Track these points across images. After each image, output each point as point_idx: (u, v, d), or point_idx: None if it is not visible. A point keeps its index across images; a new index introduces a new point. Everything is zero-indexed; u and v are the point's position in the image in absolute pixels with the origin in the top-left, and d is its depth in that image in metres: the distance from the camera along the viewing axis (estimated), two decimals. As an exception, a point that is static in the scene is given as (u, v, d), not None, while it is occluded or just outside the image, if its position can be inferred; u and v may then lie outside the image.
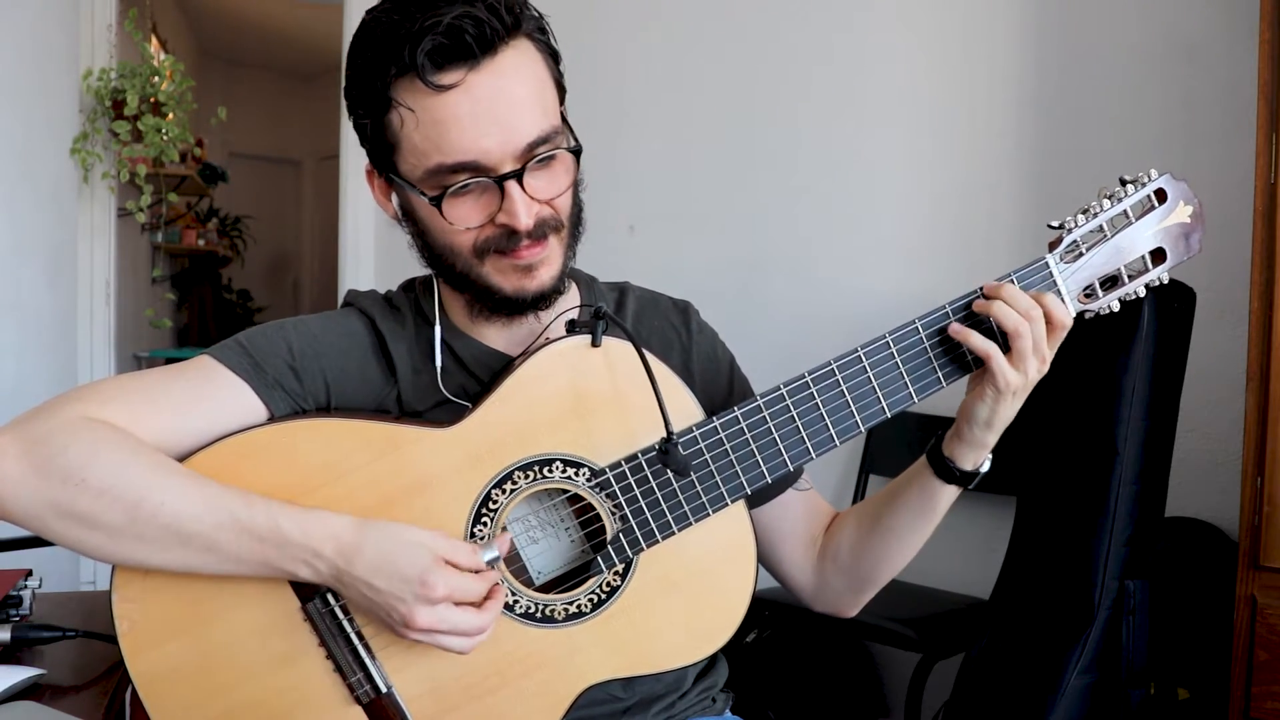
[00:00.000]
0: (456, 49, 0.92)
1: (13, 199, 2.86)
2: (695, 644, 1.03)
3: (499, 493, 0.98)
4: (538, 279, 1.01)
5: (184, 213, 5.46)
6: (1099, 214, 1.00)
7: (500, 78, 0.94)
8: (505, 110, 0.94)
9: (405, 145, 0.97)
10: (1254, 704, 1.72)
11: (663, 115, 3.07)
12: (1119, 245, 1.01)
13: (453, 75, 0.93)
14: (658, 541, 1.00)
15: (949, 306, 1.00)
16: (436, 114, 0.94)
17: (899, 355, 0.99)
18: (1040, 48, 2.50)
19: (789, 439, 0.99)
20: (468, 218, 0.97)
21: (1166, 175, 1.02)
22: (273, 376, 1.00)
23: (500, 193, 0.96)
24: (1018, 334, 0.95)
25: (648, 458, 0.99)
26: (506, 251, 0.99)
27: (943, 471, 1.03)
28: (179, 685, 0.96)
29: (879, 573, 1.12)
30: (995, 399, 0.97)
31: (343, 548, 0.91)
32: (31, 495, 0.90)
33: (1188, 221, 1.02)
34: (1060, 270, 1.00)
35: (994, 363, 0.96)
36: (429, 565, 0.90)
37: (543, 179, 0.98)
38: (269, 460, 0.97)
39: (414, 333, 1.08)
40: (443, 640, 0.92)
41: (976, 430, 1.00)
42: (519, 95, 0.95)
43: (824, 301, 2.78)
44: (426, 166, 0.96)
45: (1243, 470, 1.76)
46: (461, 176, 0.95)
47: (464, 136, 0.93)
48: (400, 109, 0.95)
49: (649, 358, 0.97)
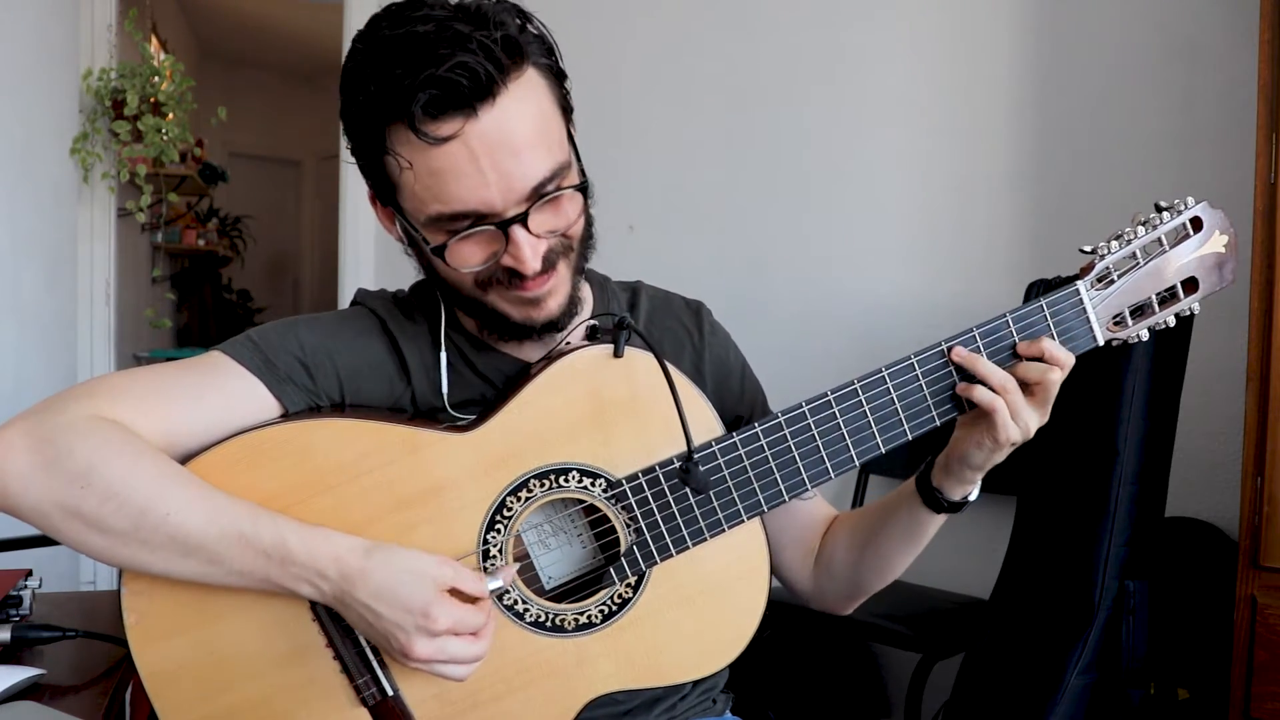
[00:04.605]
0: (451, 99, 0.87)
1: (13, 199, 2.86)
2: (705, 659, 1.03)
3: (514, 500, 0.98)
4: (546, 309, 0.99)
5: (184, 213, 5.45)
6: (1132, 240, 0.99)
7: (500, 124, 0.89)
8: (506, 157, 0.90)
9: (404, 190, 0.94)
10: (1254, 704, 1.72)
11: (663, 115, 3.07)
12: (1151, 273, 0.99)
13: (449, 126, 0.88)
14: (671, 555, 0.99)
15: (977, 330, 0.98)
16: (433, 165, 0.90)
17: (924, 378, 0.98)
18: (1040, 48, 2.50)
19: (808, 458, 0.99)
20: (471, 259, 0.95)
21: (1204, 204, 1.00)
22: (284, 372, 0.99)
23: (505, 236, 0.93)
24: (994, 408, 0.95)
25: (665, 472, 0.98)
26: (511, 285, 0.97)
27: (931, 501, 1.03)
28: (185, 680, 0.96)
29: (872, 585, 1.13)
30: (993, 449, 0.97)
31: (347, 571, 0.90)
32: (39, 493, 0.89)
33: (1222, 251, 0.99)
34: (1090, 298, 0.98)
35: (997, 416, 0.95)
36: (432, 597, 0.89)
37: (549, 214, 0.95)
38: (284, 457, 0.96)
39: (426, 335, 1.06)
40: (440, 669, 0.91)
41: (968, 471, 1.00)
42: (521, 138, 0.90)
43: (824, 301, 2.78)
44: (427, 214, 0.93)
45: (1243, 470, 1.76)
46: (463, 224, 0.92)
47: (463, 187, 0.90)
48: (397, 158, 0.91)
49: (672, 371, 0.96)
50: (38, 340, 3.14)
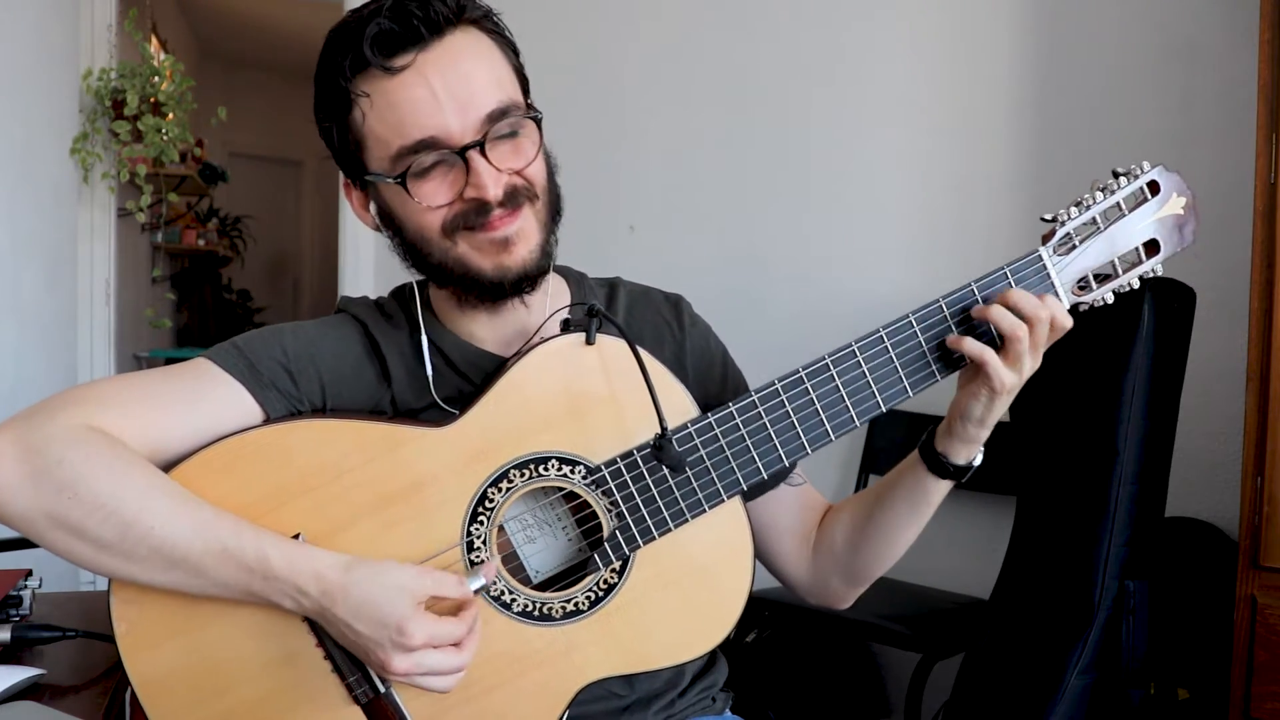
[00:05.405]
0: (405, 33, 0.95)
1: (13, 199, 2.86)
2: (693, 641, 1.03)
3: (495, 491, 0.98)
4: (517, 254, 1.00)
5: (184, 213, 5.46)
6: (1092, 206, 1.01)
7: (452, 56, 0.96)
8: (458, 84, 0.96)
9: (369, 138, 0.99)
10: (1254, 704, 1.72)
11: (663, 115, 3.07)
12: (1112, 237, 1.01)
13: (403, 58, 0.95)
14: (654, 539, 1.00)
15: (943, 300, 0.99)
16: (391, 97, 0.96)
17: (893, 350, 0.99)
18: (1039, 47, 2.50)
19: (784, 434, 0.99)
20: (435, 195, 0.98)
21: (1159, 167, 1.02)
22: (268, 378, 1.00)
23: (465, 166, 0.96)
24: (1015, 337, 0.95)
25: (643, 454, 0.99)
26: (478, 227, 0.98)
27: (936, 467, 1.03)
28: (177, 686, 0.96)
29: (872, 567, 1.12)
30: (990, 398, 0.98)
31: (327, 587, 0.91)
32: (27, 502, 0.90)
33: (1181, 213, 1.02)
34: (1054, 263, 1.00)
35: (989, 365, 0.96)
36: (408, 613, 0.89)
37: (507, 150, 0.99)
38: (265, 461, 0.97)
39: (406, 337, 1.08)
40: (420, 682, 0.91)
41: (970, 427, 1.00)
42: (471, 71, 0.97)
43: (824, 300, 2.78)
44: (389, 154, 0.97)
45: (1243, 470, 1.76)
46: (425, 156, 0.96)
47: (419, 114, 0.95)
48: (359, 100, 0.97)
49: (643, 354, 0.97)
50: (38, 340, 3.14)
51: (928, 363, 1.00)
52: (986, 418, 1.00)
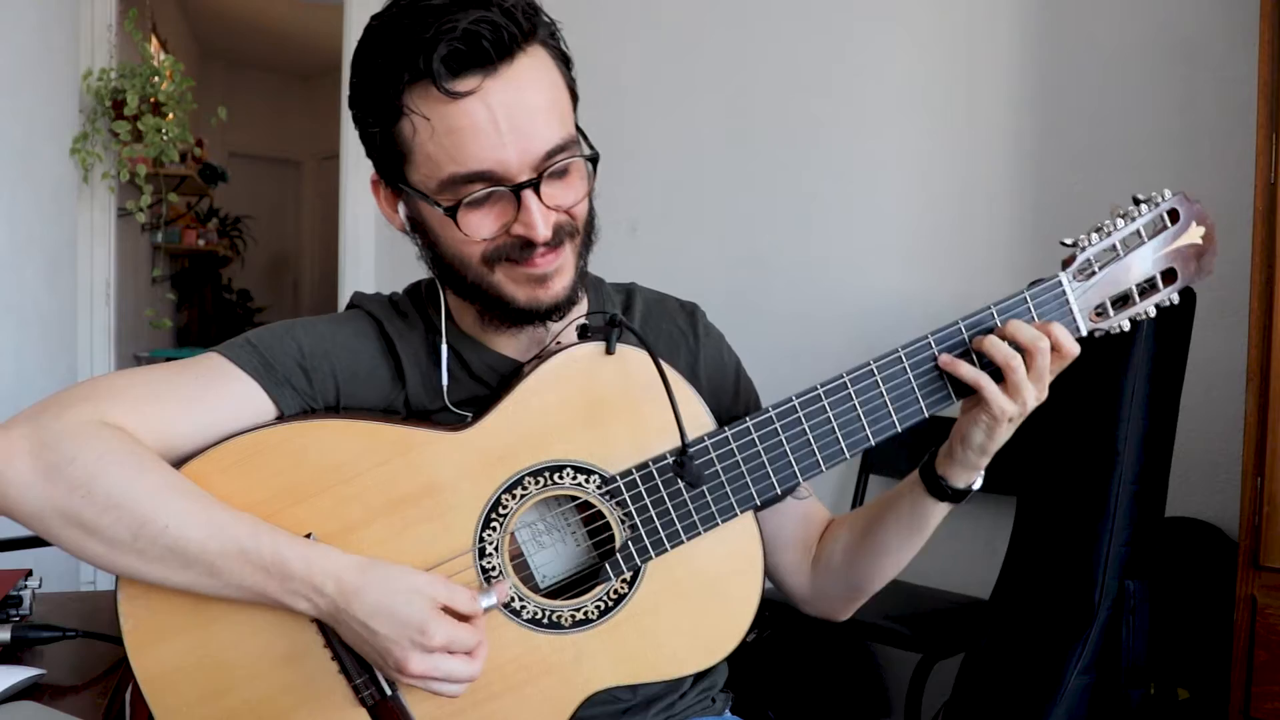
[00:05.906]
0: (473, 55, 0.90)
1: (13, 199, 2.86)
2: (700, 653, 1.03)
3: (509, 498, 0.98)
4: (552, 290, 0.99)
5: (184, 213, 5.46)
6: (1113, 233, 1.01)
7: (517, 85, 0.92)
8: (523, 118, 0.92)
9: (418, 155, 0.94)
10: (1254, 704, 1.72)
11: (665, 116, 3.07)
12: (1131, 265, 1.01)
13: (469, 82, 0.90)
14: (666, 550, 0.99)
15: (962, 323, 0.99)
16: (452, 122, 0.91)
17: (911, 370, 0.99)
18: (1039, 48, 2.50)
19: (799, 451, 0.99)
20: (482, 228, 0.95)
21: (1180, 195, 1.02)
22: (282, 375, 0.99)
23: (516, 202, 0.94)
24: (1009, 367, 0.95)
25: (659, 467, 0.98)
26: (520, 261, 0.97)
27: (935, 489, 1.03)
28: (182, 683, 0.96)
29: (870, 582, 1.12)
30: (990, 425, 0.97)
31: (344, 588, 0.90)
32: (39, 499, 0.89)
33: (1199, 243, 1.02)
34: (1073, 289, 1.00)
35: (985, 392, 0.95)
36: (428, 614, 0.89)
37: (559, 187, 0.96)
38: (279, 460, 0.96)
39: (421, 337, 1.07)
40: (434, 686, 0.91)
41: (970, 453, 1.00)
42: (536, 103, 0.93)
43: (825, 301, 2.78)
44: (440, 177, 0.94)
45: (1243, 470, 1.76)
46: (477, 186, 0.93)
47: (481, 146, 0.91)
48: (413, 117, 0.92)
49: (664, 367, 0.96)
50: (38, 340, 3.14)
51: (943, 384, 0.99)
52: (988, 445, 0.99)
